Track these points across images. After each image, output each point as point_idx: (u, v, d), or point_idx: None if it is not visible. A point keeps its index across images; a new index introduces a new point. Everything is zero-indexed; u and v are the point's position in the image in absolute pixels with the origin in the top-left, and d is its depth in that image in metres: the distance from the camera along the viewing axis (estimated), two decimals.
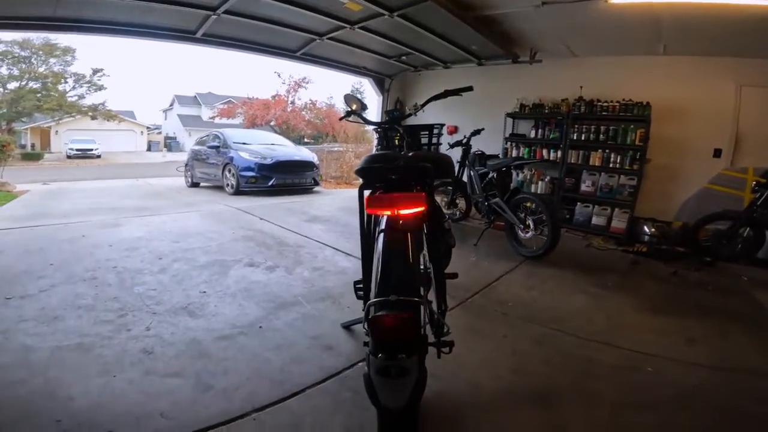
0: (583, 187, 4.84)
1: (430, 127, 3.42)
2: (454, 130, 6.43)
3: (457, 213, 5.00)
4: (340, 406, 1.52)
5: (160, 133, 30.29)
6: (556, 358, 1.92)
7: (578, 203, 4.86)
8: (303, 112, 20.54)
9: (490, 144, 5.03)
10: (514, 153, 5.43)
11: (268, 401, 1.51)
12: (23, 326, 1.95)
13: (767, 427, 1.50)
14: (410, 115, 2.71)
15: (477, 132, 4.57)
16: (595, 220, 4.74)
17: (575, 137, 4.75)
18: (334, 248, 3.62)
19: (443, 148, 5.30)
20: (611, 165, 4.52)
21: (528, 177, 5.34)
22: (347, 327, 2.09)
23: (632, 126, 4.37)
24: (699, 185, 4.21)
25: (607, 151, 4.54)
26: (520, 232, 3.68)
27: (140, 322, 2.03)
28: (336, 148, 12.91)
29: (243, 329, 2.04)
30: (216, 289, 2.50)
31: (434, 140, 4.78)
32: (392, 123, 2.53)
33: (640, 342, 2.07)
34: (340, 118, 2.38)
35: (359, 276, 1.63)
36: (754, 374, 1.82)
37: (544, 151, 5.11)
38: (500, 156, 5.17)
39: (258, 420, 1.42)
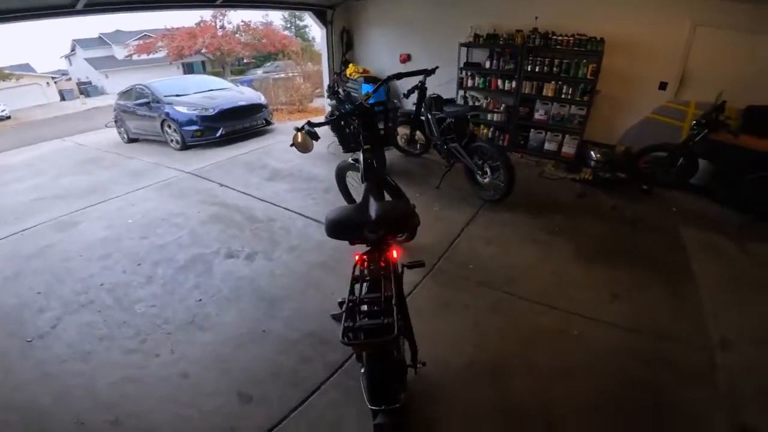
0: (537, 116, 5.05)
1: (384, 108, 3.22)
2: (407, 58, 6.13)
3: (418, 146, 5.10)
4: (350, 396, 1.87)
5: (69, 79, 26.32)
6: (508, 326, 2.33)
7: (532, 130, 5.13)
8: (237, 35, 18.38)
9: (444, 75, 4.88)
10: (470, 83, 5.36)
11: (297, 402, 1.88)
12: (67, 368, 2.12)
13: (659, 393, 1.89)
14: (362, 103, 2.59)
15: (431, 72, 4.36)
16: (547, 146, 5.08)
17: (530, 69, 4.77)
18: (304, 216, 3.73)
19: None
20: (563, 96, 4.68)
21: (484, 105, 5.41)
22: (337, 318, 2.35)
23: (585, 60, 4.43)
24: (643, 115, 4.52)
25: (559, 83, 4.65)
26: (478, 176, 3.91)
27: (162, 346, 2.24)
28: (282, 75, 11.86)
29: (249, 336, 2.29)
30: (209, 295, 2.67)
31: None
32: (346, 117, 2.48)
33: (573, 300, 2.49)
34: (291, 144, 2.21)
35: (334, 249, 2.25)
36: (662, 338, 2.22)
37: (499, 81, 5.11)
38: (456, 100, 5.15)
39: (295, 419, 1.81)
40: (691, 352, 2.15)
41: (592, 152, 4.69)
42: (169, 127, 6.56)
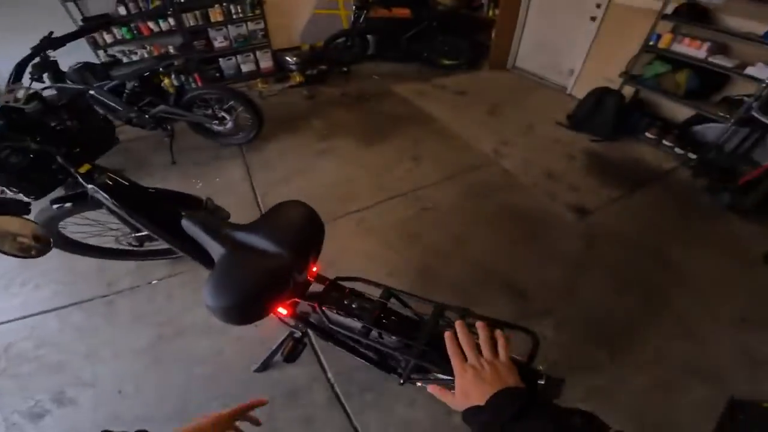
0: (217, 44, 4.69)
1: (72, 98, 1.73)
2: None
3: None
4: (380, 401, 1.77)
5: None
6: (386, 236, 2.52)
7: (220, 59, 4.81)
8: None
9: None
10: (108, 39, 4.11)
11: None
12: None
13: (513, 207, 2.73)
14: (8, 105, 1.52)
15: (48, 40, 2.49)
16: (245, 68, 4.98)
17: (183, 0, 4.14)
18: (46, 313, 2.26)
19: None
20: (235, 17, 4.47)
21: (145, 55, 4.42)
22: (263, 369, 1.92)
23: None
24: (309, 13, 4.93)
25: (225, 4, 4.34)
26: (215, 127, 3.31)
27: None
28: None
29: None
30: None
31: None
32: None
33: (399, 181, 2.96)
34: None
35: (139, 315, 1.82)
36: (471, 169, 3.07)
37: (151, 24, 4.20)
38: (124, 59, 3.91)
39: None
40: (491, 167, 3.14)
41: (287, 58, 4.95)
42: None
